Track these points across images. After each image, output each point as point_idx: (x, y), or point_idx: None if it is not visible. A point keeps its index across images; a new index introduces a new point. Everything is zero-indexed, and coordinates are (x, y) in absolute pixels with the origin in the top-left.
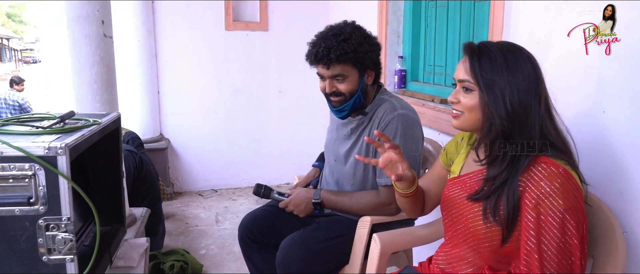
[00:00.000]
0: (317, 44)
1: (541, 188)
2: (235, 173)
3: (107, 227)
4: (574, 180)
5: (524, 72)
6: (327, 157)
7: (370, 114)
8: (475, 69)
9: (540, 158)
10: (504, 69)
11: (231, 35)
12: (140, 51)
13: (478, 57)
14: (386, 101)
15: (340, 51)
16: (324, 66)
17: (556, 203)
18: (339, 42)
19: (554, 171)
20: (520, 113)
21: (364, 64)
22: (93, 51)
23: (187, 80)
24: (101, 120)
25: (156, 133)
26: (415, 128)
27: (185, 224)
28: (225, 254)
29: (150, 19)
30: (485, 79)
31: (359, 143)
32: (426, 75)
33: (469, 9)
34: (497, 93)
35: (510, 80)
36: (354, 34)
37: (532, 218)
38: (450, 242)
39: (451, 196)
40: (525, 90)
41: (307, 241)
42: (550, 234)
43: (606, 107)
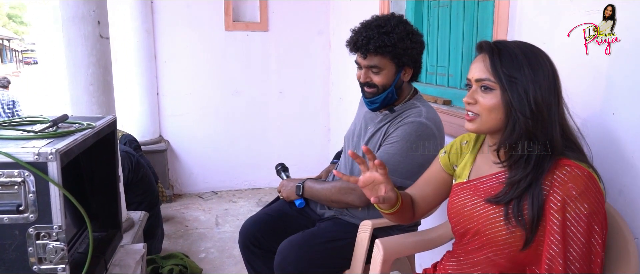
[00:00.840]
0: (359, 32)
1: (567, 191)
2: (235, 175)
3: (103, 233)
4: (598, 184)
5: (544, 70)
6: (345, 146)
7: (398, 112)
8: (496, 66)
9: (562, 160)
10: (526, 66)
11: (231, 36)
12: (139, 52)
13: (498, 54)
14: (417, 107)
15: (380, 43)
16: (362, 55)
17: (582, 207)
18: (380, 34)
19: (578, 174)
20: (543, 112)
21: (403, 60)
22: (89, 52)
23: (187, 81)
24: (96, 123)
25: (155, 134)
26: (431, 141)
27: (185, 227)
28: (225, 258)
29: (149, 20)
30: (507, 76)
31: (376, 137)
32: (428, 76)
33: (472, 9)
34: (520, 91)
35: (533, 77)
36: (397, 28)
37: (558, 221)
38: (462, 249)
39: (461, 202)
40: (547, 88)
41: (305, 243)
42: (575, 239)
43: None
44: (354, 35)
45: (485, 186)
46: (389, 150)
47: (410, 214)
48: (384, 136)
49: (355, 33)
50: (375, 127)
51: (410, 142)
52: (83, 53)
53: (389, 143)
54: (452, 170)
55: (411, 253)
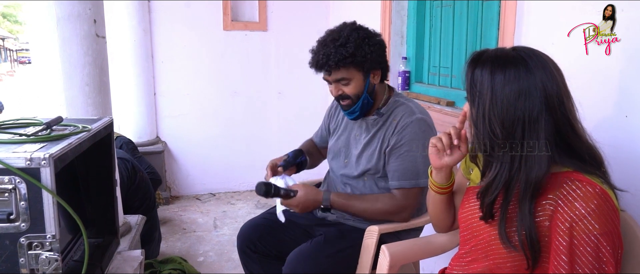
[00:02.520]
0: (317, 52)
1: (575, 210)
2: (233, 176)
3: (99, 239)
4: (612, 202)
5: (515, 85)
6: (335, 158)
7: (386, 115)
8: (467, 79)
9: (573, 174)
10: (488, 81)
11: (229, 36)
12: (136, 51)
13: (473, 66)
14: (403, 104)
15: (339, 57)
16: (326, 73)
17: (591, 226)
18: (337, 48)
19: (590, 192)
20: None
21: (366, 66)
22: (85, 52)
23: (185, 82)
24: (91, 125)
25: (152, 135)
26: (433, 134)
27: (183, 229)
28: (224, 262)
29: (146, 19)
30: (472, 91)
31: (374, 144)
32: (431, 77)
33: (476, 9)
34: (479, 110)
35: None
36: (351, 37)
37: (565, 242)
38: (467, 256)
39: (472, 206)
40: (514, 105)
41: (314, 255)
42: (583, 261)
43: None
44: (314, 55)
45: None
46: (405, 157)
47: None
48: (381, 142)
49: (314, 53)
50: (369, 133)
51: (419, 141)
52: (79, 52)
53: (401, 152)
54: (469, 174)
55: (418, 259)
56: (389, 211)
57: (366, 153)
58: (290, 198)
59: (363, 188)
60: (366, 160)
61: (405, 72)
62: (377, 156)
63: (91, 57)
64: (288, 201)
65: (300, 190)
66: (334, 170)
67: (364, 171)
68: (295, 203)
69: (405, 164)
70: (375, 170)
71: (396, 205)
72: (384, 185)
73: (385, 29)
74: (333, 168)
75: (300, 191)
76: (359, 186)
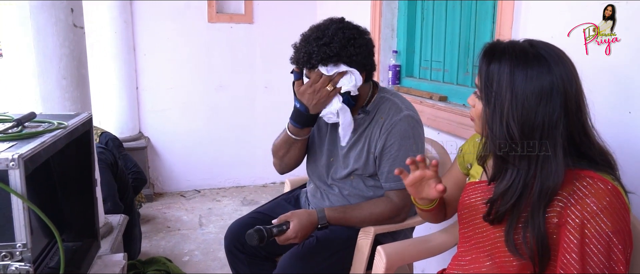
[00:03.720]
0: (299, 49)
1: (587, 207)
2: (219, 172)
3: (78, 243)
4: (623, 199)
5: (537, 84)
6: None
7: (372, 113)
8: (482, 77)
9: (584, 171)
10: (508, 81)
11: (214, 28)
12: (117, 44)
13: (488, 60)
14: (388, 100)
15: (322, 55)
16: (308, 71)
17: (603, 224)
18: (320, 47)
19: (601, 188)
20: (521, 137)
21: (352, 67)
22: (61, 43)
23: (168, 75)
24: (68, 122)
25: (135, 131)
26: (421, 129)
27: (167, 228)
28: (210, 261)
29: (127, 10)
30: (487, 89)
31: (361, 143)
32: (422, 71)
33: (469, 2)
34: (496, 109)
35: (514, 95)
36: (336, 36)
37: (576, 240)
38: (468, 254)
39: (472, 203)
40: (534, 106)
41: (307, 257)
42: (595, 260)
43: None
44: (296, 51)
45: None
46: (397, 157)
47: (443, 212)
48: (369, 142)
49: (296, 49)
50: (356, 133)
51: (410, 139)
52: (54, 43)
53: (392, 153)
54: (467, 169)
55: (415, 260)
56: (387, 215)
57: (353, 153)
58: (284, 232)
59: (350, 187)
60: (354, 160)
61: (396, 65)
62: (366, 156)
63: (68, 48)
64: (285, 236)
65: (291, 219)
66: (316, 171)
67: (352, 171)
68: (293, 235)
69: (398, 164)
70: (363, 170)
71: (394, 208)
72: (373, 184)
73: (376, 22)
74: (314, 169)
75: (292, 221)
76: (346, 186)
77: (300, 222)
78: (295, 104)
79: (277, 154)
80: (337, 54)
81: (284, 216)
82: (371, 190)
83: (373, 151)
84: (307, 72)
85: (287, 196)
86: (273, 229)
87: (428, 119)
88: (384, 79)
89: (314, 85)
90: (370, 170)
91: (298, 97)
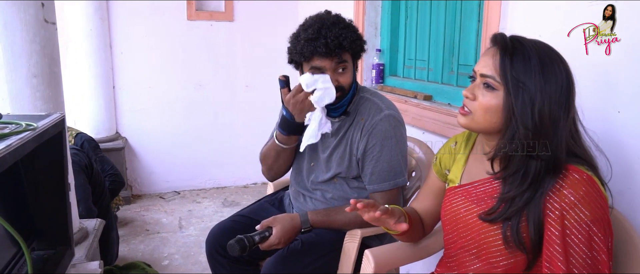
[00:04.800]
0: (322, 34)
1: (565, 198)
2: (199, 173)
3: (51, 251)
4: (599, 188)
5: (558, 81)
6: (297, 162)
7: (352, 115)
8: (506, 67)
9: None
10: (538, 74)
11: (194, 26)
12: (92, 41)
13: (511, 53)
14: (368, 100)
15: (351, 37)
16: (335, 56)
17: (582, 214)
18: (342, 29)
19: (577, 179)
20: (548, 126)
21: (358, 54)
22: (31, 39)
23: (146, 74)
24: (38, 123)
25: (112, 131)
26: (403, 129)
27: (145, 231)
28: (191, 265)
29: (103, 6)
30: (515, 80)
31: (342, 146)
32: (406, 70)
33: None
34: (526, 99)
35: (543, 87)
36: (347, 22)
37: (557, 232)
38: (454, 259)
39: (455, 208)
40: (557, 101)
41: (293, 263)
42: (576, 250)
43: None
44: (316, 40)
45: (479, 192)
46: (380, 158)
47: (421, 229)
48: (351, 144)
49: (317, 36)
50: (337, 135)
51: (393, 139)
52: (24, 39)
53: (374, 154)
54: (444, 176)
55: (404, 264)
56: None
57: (335, 156)
58: (267, 238)
59: (334, 190)
60: (336, 163)
61: (380, 64)
62: (348, 158)
63: (39, 44)
64: (268, 242)
65: (274, 225)
66: (296, 176)
67: (335, 174)
68: (276, 241)
69: (381, 165)
70: (347, 173)
71: None
72: (357, 185)
73: (359, 19)
74: (294, 175)
75: (275, 227)
76: (329, 189)
77: (283, 228)
78: (283, 112)
79: (265, 162)
80: (359, 37)
81: (266, 222)
82: (355, 192)
83: (355, 154)
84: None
85: (271, 199)
86: (255, 237)
87: (413, 118)
88: (367, 78)
89: (296, 95)
90: (354, 172)
91: (285, 105)
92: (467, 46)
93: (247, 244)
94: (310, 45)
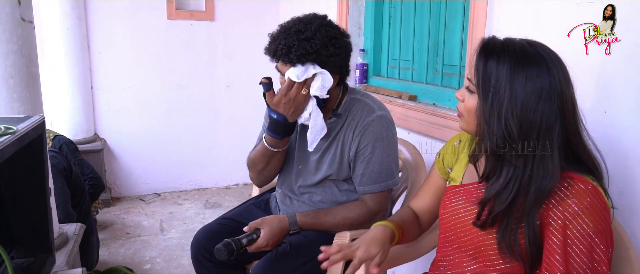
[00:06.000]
0: (278, 39)
1: (568, 207)
2: (180, 175)
3: (30, 258)
4: (603, 200)
5: (536, 84)
6: (288, 166)
7: (343, 116)
8: (479, 70)
9: (565, 173)
10: (508, 78)
11: (174, 25)
12: (69, 41)
13: (486, 56)
14: (360, 102)
15: (302, 51)
16: (289, 64)
17: (585, 225)
18: (301, 41)
19: (582, 189)
20: (519, 135)
21: (328, 67)
22: (7, 38)
23: (125, 74)
24: (17, 126)
25: (90, 132)
26: (394, 130)
27: (126, 234)
28: (173, 268)
29: (81, 5)
30: (485, 84)
31: (333, 148)
32: (390, 70)
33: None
34: (495, 103)
35: (514, 91)
36: (319, 33)
37: (559, 242)
38: (449, 258)
39: (455, 208)
40: (533, 106)
41: (280, 268)
42: (577, 260)
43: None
44: (273, 41)
45: (479, 192)
46: (371, 160)
47: (417, 230)
48: (342, 146)
49: (273, 39)
50: (327, 138)
51: (384, 140)
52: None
53: (365, 155)
54: (447, 174)
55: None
56: (362, 219)
57: (326, 159)
58: (255, 240)
59: (323, 193)
60: (327, 165)
61: (363, 64)
62: (339, 161)
63: (16, 44)
64: (255, 244)
65: (262, 227)
66: (283, 180)
67: (325, 176)
68: (264, 243)
69: (372, 167)
70: (337, 175)
71: (368, 212)
72: (346, 188)
73: (342, 20)
74: (282, 178)
75: (263, 229)
76: (318, 191)
77: (271, 229)
78: (271, 115)
79: (255, 168)
80: (317, 52)
81: (254, 224)
82: (345, 195)
83: (347, 155)
84: (280, 65)
85: (256, 201)
86: (242, 240)
87: (398, 119)
88: (351, 78)
89: (288, 93)
90: (345, 174)
91: (273, 108)
92: (451, 46)
93: (235, 248)
94: (268, 47)
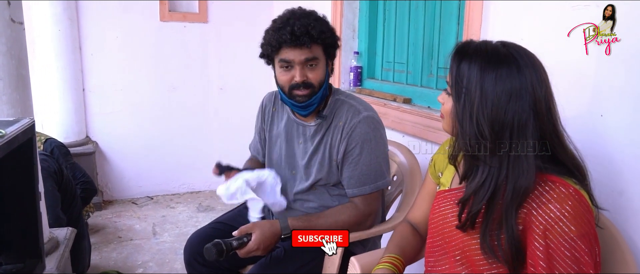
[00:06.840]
0: (290, 24)
1: (550, 212)
2: (172, 178)
3: (19, 265)
4: (586, 202)
5: (506, 85)
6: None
7: (329, 119)
8: (452, 72)
9: (546, 176)
10: (478, 79)
11: (167, 27)
12: (60, 42)
13: (459, 58)
14: (345, 103)
15: (320, 28)
16: (302, 46)
17: (567, 229)
18: (313, 21)
19: (563, 192)
20: (491, 135)
21: (332, 51)
22: None
23: (117, 76)
24: (6, 129)
25: (81, 135)
26: (382, 129)
27: (118, 238)
28: (166, 272)
29: (72, 6)
30: (458, 86)
31: (320, 151)
32: (384, 73)
33: (433, 2)
34: (466, 105)
35: (483, 93)
36: (321, 16)
37: (541, 247)
38: (439, 264)
39: (443, 212)
40: (503, 107)
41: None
42: (562, 265)
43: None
44: (283, 27)
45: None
46: (359, 161)
47: (418, 245)
48: (330, 149)
49: (283, 24)
50: (314, 141)
51: (372, 141)
52: None
53: (353, 157)
54: (438, 178)
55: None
56: (353, 222)
57: (314, 163)
58: (245, 244)
59: (315, 199)
60: (316, 170)
61: (357, 67)
62: (328, 164)
63: (5, 45)
64: (246, 248)
65: (253, 231)
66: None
67: (315, 181)
68: (255, 247)
69: (361, 169)
70: (327, 179)
71: (359, 214)
72: (337, 192)
73: (337, 22)
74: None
75: (254, 233)
76: (310, 197)
77: (262, 233)
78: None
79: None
80: (330, 30)
81: (245, 228)
82: (336, 200)
83: (335, 158)
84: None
85: None
86: (233, 242)
87: (392, 122)
88: (345, 81)
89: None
90: (334, 178)
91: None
92: (446, 49)
93: (224, 249)
94: (276, 34)
